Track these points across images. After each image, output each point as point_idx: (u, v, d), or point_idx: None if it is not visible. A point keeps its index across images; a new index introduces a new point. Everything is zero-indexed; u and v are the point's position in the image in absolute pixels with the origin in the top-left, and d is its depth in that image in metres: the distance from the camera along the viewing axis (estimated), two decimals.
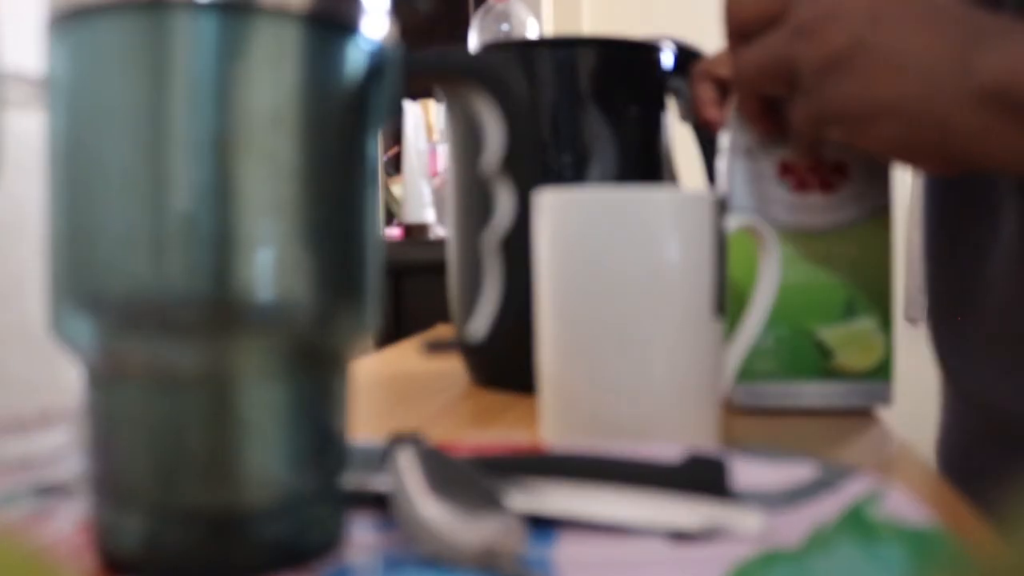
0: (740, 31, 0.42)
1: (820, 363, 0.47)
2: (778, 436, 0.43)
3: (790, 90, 0.41)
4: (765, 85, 0.42)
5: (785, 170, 0.47)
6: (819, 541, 0.25)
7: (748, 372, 0.47)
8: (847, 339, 0.47)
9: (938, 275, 0.54)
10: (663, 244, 0.36)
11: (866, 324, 0.47)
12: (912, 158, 0.39)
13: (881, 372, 0.47)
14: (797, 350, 0.47)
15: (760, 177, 0.47)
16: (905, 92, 0.37)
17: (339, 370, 0.26)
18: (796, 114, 0.41)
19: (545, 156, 0.52)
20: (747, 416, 0.47)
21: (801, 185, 0.47)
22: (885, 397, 0.47)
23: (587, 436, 0.37)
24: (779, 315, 0.47)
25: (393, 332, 1.59)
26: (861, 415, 0.47)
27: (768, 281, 0.41)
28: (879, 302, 0.47)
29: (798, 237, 0.47)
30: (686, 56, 0.57)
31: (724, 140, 0.50)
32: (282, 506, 0.25)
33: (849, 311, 0.47)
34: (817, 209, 0.47)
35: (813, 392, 0.47)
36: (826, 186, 0.47)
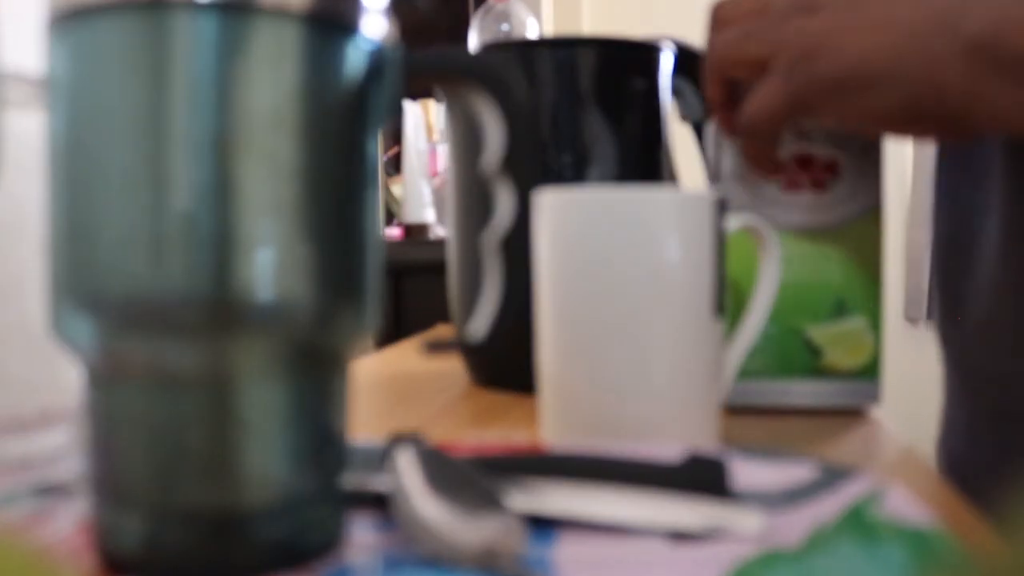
0: (723, 26, 0.43)
1: (809, 362, 0.47)
2: (777, 436, 0.43)
3: (761, 73, 0.41)
4: (738, 66, 0.42)
5: (776, 169, 0.47)
6: (819, 541, 0.25)
7: (740, 370, 0.47)
8: (836, 338, 0.47)
9: (941, 257, 0.54)
10: (663, 244, 0.36)
11: (856, 323, 0.47)
12: (909, 124, 0.39)
13: (870, 371, 0.47)
14: (787, 349, 0.47)
15: (751, 175, 0.47)
16: (896, 56, 0.37)
17: (339, 370, 0.26)
18: (770, 95, 0.41)
19: (545, 156, 0.52)
20: (745, 416, 0.47)
21: (792, 184, 0.47)
22: (873, 396, 0.47)
23: (587, 436, 0.37)
24: (773, 313, 0.47)
25: (393, 332, 1.59)
26: (860, 415, 0.47)
27: (768, 281, 0.41)
28: (869, 301, 0.47)
29: (789, 236, 0.47)
30: (686, 56, 0.57)
31: (712, 135, 0.49)
32: (282, 506, 0.25)
33: (839, 310, 0.47)
34: (808, 208, 0.47)
35: (802, 391, 0.47)
36: (817, 185, 0.47)
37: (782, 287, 0.47)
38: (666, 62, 0.55)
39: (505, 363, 0.54)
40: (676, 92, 0.58)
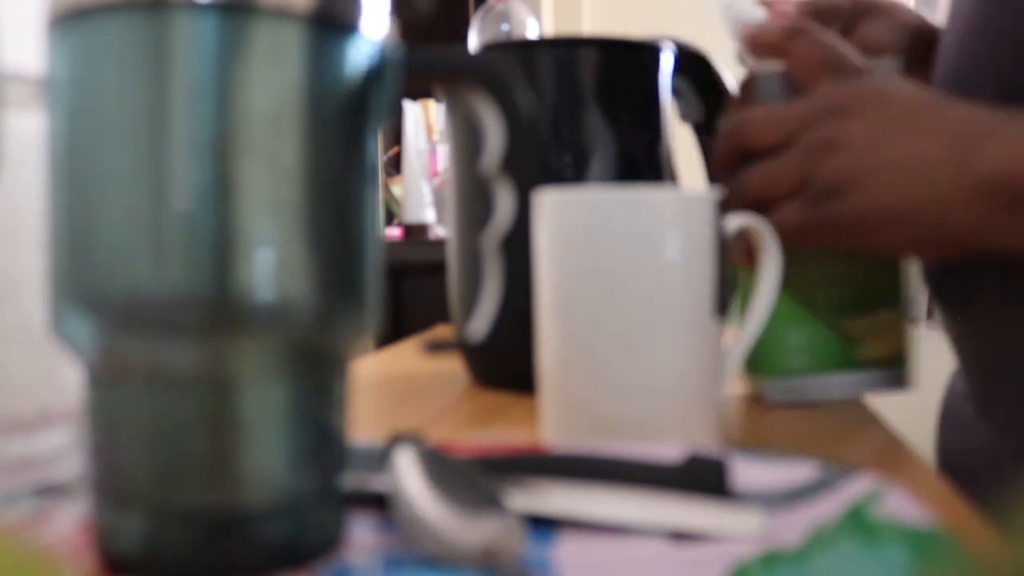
0: (748, 152, 0.45)
1: (846, 355, 0.49)
2: (778, 436, 0.43)
3: (787, 200, 0.44)
4: (770, 195, 0.44)
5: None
6: (819, 541, 0.25)
7: (780, 367, 0.49)
8: (871, 329, 0.49)
9: None
10: (663, 244, 0.36)
11: (887, 314, 0.50)
12: (915, 253, 0.43)
13: (901, 359, 0.50)
14: (827, 344, 0.49)
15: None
16: (910, 199, 0.41)
17: (339, 370, 0.26)
18: (789, 220, 0.44)
19: (545, 156, 0.52)
20: (747, 416, 0.47)
21: None
22: (903, 382, 0.50)
23: (587, 436, 0.37)
24: (811, 311, 0.49)
25: (393, 332, 1.59)
26: (861, 415, 0.47)
27: (768, 280, 0.41)
28: (897, 292, 0.50)
29: None
30: (686, 56, 0.57)
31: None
32: (282, 506, 0.25)
33: (872, 302, 0.49)
34: None
35: (839, 383, 0.49)
36: None
37: (822, 284, 0.49)
38: (666, 62, 0.55)
39: (505, 363, 0.54)
40: (676, 92, 0.58)
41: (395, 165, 1.87)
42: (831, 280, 0.49)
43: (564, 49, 0.52)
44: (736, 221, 0.40)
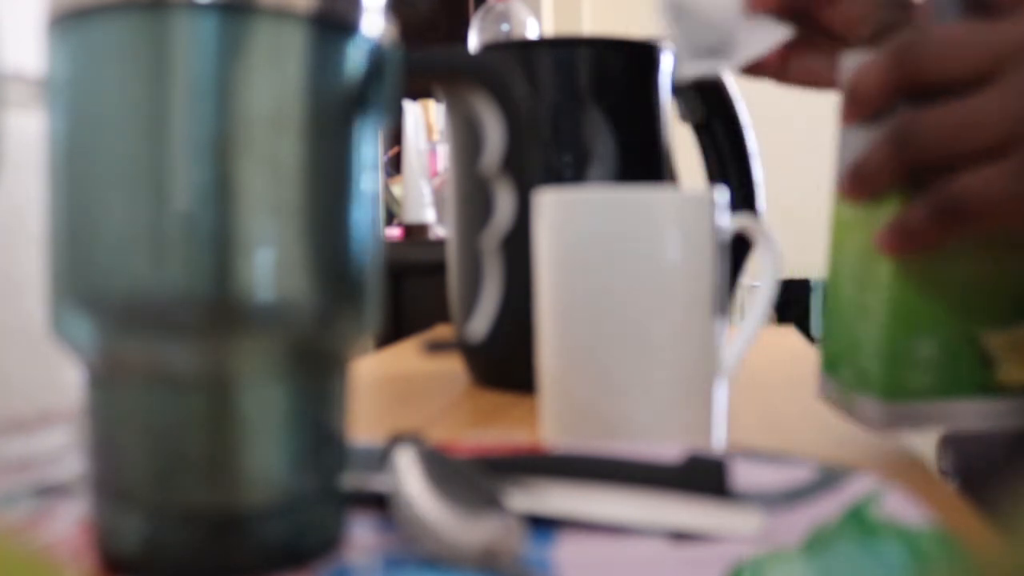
0: (924, 86, 0.33)
1: (979, 376, 0.37)
2: (779, 436, 0.43)
3: (987, 156, 0.32)
4: (963, 147, 0.32)
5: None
6: (819, 541, 0.25)
7: (900, 388, 0.37)
8: (1015, 346, 0.37)
9: None
10: (663, 244, 0.36)
11: None
12: None
13: None
14: (958, 361, 0.37)
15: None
16: None
17: (339, 370, 0.26)
18: (993, 183, 0.31)
19: (545, 156, 0.52)
20: (747, 416, 0.47)
21: None
22: None
23: (587, 436, 0.37)
24: (941, 318, 0.36)
25: (393, 332, 1.59)
26: None
27: (767, 279, 0.41)
28: None
29: None
30: None
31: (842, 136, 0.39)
32: (282, 506, 0.25)
33: (1020, 312, 0.37)
34: None
35: (970, 412, 0.37)
36: None
37: (959, 285, 0.36)
38: (666, 62, 0.55)
39: (505, 363, 0.54)
40: (676, 92, 0.58)
41: (395, 165, 1.87)
42: (977, 277, 0.36)
43: (564, 49, 0.52)
44: (735, 221, 0.40)
